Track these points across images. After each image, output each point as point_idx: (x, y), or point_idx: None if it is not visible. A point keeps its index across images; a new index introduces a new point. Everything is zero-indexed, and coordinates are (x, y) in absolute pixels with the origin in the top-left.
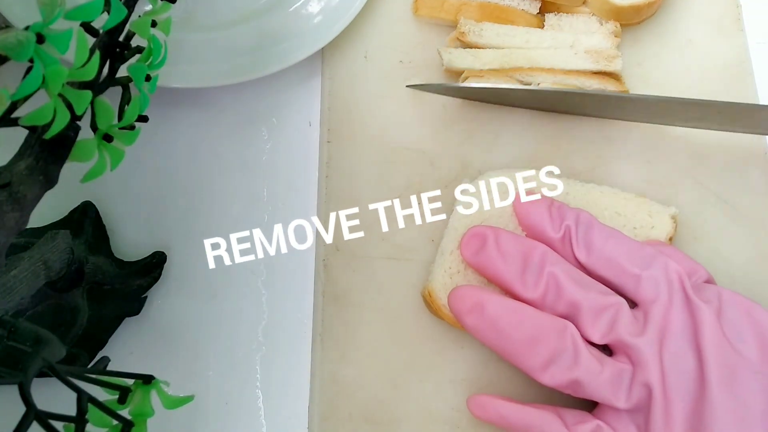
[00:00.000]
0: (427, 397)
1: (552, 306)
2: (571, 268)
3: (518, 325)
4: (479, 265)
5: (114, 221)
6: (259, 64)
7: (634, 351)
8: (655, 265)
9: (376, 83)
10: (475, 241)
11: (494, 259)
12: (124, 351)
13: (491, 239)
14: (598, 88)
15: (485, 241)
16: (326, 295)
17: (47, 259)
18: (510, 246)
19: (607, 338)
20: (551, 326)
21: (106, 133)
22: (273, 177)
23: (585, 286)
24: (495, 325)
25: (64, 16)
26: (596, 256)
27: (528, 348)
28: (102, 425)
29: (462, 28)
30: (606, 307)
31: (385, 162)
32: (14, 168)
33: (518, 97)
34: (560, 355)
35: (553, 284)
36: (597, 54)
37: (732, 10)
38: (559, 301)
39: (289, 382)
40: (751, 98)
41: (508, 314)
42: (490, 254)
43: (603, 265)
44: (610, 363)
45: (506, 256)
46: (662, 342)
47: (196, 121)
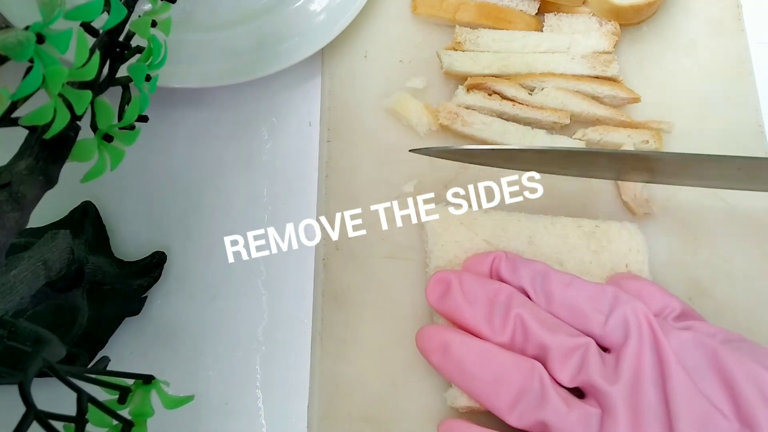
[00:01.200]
0: (426, 396)
1: (521, 348)
2: (538, 310)
3: (483, 364)
4: (445, 310)
5: (114, 221)
6: (260, 65)
7: (606, 397)
8: (619, 308)
9: (376, 83)
10: (439, 287)
11: (460, 304)
12: (124, 351)
13: (455, 283)
14: (610, 94)
15: (449, 286)
16: (326, 294)
17: (47, 259)
18: (475, 289)
19: (576, 380)
20: (517, 366)
21: (106, 133)
22: (273, 177)
23: (552, 327)
24: (460, 365)
25: (64, 16)
26: (558, 304)
27: (494, 388)
28: (102, 425)
29: (458, 38)
30: (574, 348)
31: (385, 162)
32: (14, 168)
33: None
34: (526, 395)
35: (520, 326)
36: (594, 59)
37: (732, 10)
38: (528, 343)
39: (289, 381)
40: (752, 98)
41: (472, 354)
42: (455, 299)
43: (566, 312)
44: (578, 405)
45: (472, 301)
46: (635, 392)
47: (196, 122)
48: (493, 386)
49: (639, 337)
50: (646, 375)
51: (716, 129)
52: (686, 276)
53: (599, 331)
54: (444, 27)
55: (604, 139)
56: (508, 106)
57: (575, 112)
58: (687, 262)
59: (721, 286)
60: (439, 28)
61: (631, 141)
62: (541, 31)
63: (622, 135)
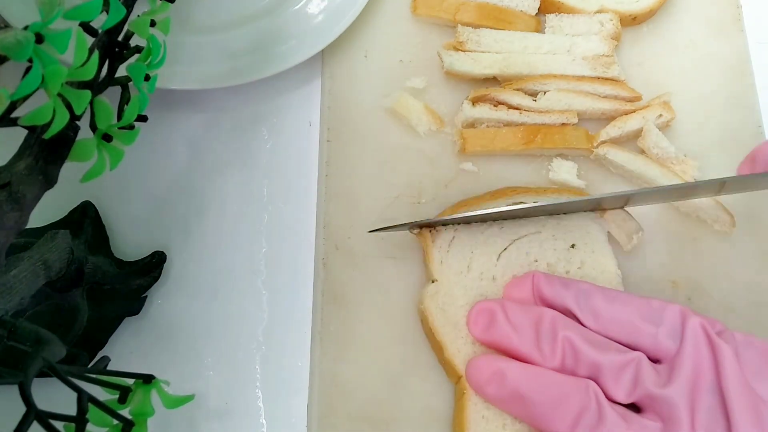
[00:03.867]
0: (426, 397)
1: (572, 370)
2: (585, 330)
3: (540, 389)
4: (491, 340)
5: (114, 221)
6: (259, 67)
7: (664, 404)
8: (667, 317)
9: (376, 82)
10: (483, 318)
11: (507, 332)
12: (124, 351)
13: (500, 312)
14: (611, 93)
15: (494, 316)
16: (325, 294)
17: (47, 259)
18: (519, 317)
19: (633, 396)
20: (573, 386)
21: (106, 132)
22: (273, 177)
23: (601, 346)
24: (517, 392)
25: (63, 15)
26: (605, 320)
27: (552, 411)
28: (102, 425)
29: (460, 38)
30: (626, 363)
31: (385, 161)
32: (14, 168)
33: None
34: (585, 416)
35: (570, 349)
36: (594, 61)
37: (732, 10)
38: (579, 364)
39: (289, 381)
40: (751, 98)
41: (529, 379)
42: (501, 328)
43: (615, 328)
44: (637, 419)
45: (518, 328)
46: (694, 396)
47: (196, 122)
48: (551, 410)
49: (694, 341)
50: (703, 378)
51: (716, 129)
52: (686, 276)
53: (651, 342)
54: (444, 27)
55: (625, 131)
56: (515, 114)
57: (580, 111)
58: (687, 262)
59: (722, 285)
60: (439, 29)
61: (647, 121)
62: (541, 31)
63: (638, 119)
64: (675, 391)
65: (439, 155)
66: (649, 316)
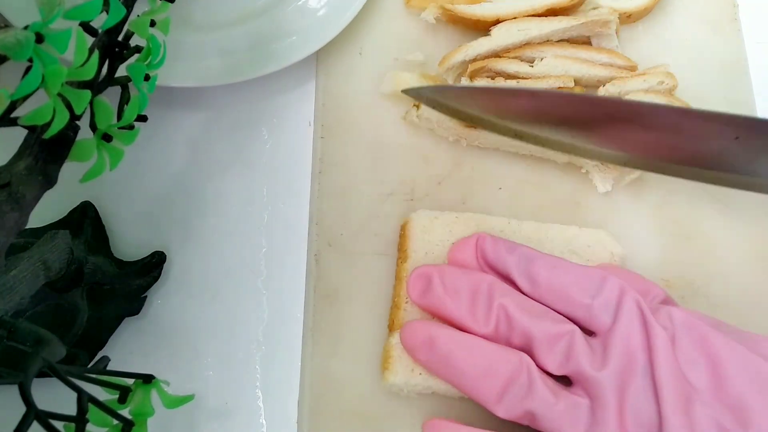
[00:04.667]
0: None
1: (506, 338)
2: (522, 298)
3: (469, 358)
4: (428, 305)
5: (114, 221)
6: (258, 64)
7: (594, 384)
8: (605, 290)
9: (370, 80)
10: (420, 282)
11: (441, 298)
12: (124, 351)
13: (436, 277)
14: (607, 62)
15: (430, 281)
16: (317, 290)
17: (47, 259)
18: (456, 282)
19: (564, 369)
20: (503, 357)
21: (106, 132)
22: (273, 177)
23: (537, 315)
24: (447, 360)
25: (63, 15)
26: (542, 287)
27: (481, 380)
28: (102, 425)
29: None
30: (560, 335)
31: (379, 158)
32: (14, 168)
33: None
34: (513, 387)
35: (504, 316)
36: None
37: (729, 9)
38: (512, 332)
39: (289, 381)
40: (748, 97)
41: (459, 348)
42: (436, 293)
43: (551, 296)
44: (565, 395)
45: (453, 294)
46: (624, 378)
47: (195, 121)
48: (480, 379)
49: (628, 318)
50: (635, 358)
51: None
52: (679, 275)
53: (585, 313)
54: (438, 24)
55: (623, 91)
56: (513, 83)
57: (577, 77)
58: (681, 262)
59: (715, 285)
60: (433, 25)
61: (647, 85)
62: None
63: (638, 82)
64: (605, 374)
65: (433, 153)
66: (587, 286)
